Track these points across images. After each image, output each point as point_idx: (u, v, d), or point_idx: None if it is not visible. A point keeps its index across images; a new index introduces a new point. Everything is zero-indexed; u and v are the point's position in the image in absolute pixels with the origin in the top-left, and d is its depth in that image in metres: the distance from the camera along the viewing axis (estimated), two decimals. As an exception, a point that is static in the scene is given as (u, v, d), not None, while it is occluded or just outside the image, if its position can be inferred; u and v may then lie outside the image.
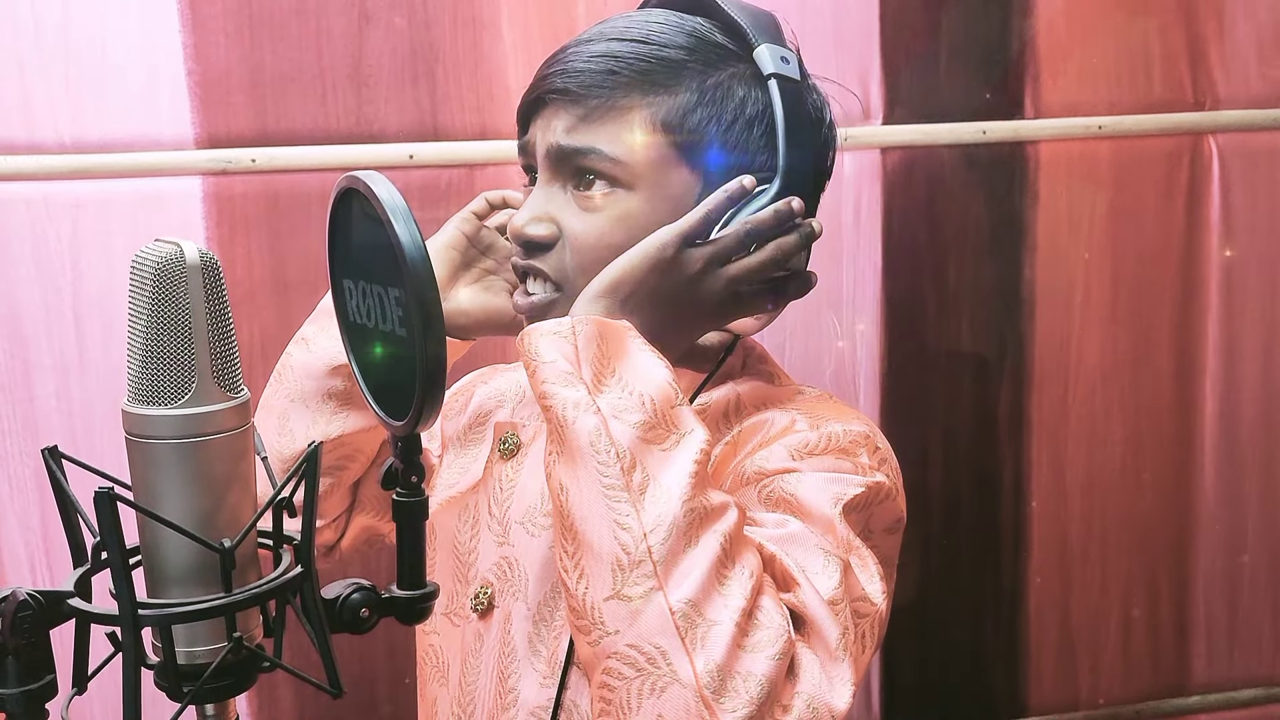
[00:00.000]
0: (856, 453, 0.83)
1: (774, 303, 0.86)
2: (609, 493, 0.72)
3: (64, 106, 1.27)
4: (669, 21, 0.86)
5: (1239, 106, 1.51)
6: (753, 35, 0.86)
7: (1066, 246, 1.50)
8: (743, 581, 0.70)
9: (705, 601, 0.69)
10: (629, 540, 0.70)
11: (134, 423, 0.57)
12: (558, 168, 0.86)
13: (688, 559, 0.70)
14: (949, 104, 1.45)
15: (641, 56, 0.84)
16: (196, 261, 0.56)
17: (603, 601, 0.71)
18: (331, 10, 1.31)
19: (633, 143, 0.83)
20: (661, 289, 0.81)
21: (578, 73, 0.84)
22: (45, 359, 1.30)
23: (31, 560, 1.33)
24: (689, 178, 0.84)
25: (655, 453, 0.72)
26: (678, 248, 0.81)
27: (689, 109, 0.83)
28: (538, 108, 0.87)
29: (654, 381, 0.75)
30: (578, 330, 0.76)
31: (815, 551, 0.75)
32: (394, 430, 0.67)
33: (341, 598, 0.64)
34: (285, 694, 1.40)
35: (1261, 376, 1.58)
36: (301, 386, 0.99)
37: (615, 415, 0.73)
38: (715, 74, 0.85)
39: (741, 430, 0.87)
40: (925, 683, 1.57)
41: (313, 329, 1.01)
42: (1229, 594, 1.62)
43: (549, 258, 0.86)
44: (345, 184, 0.68)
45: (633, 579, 0.70)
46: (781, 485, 0.80)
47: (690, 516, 0.70)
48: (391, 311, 0.65)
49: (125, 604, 0.54)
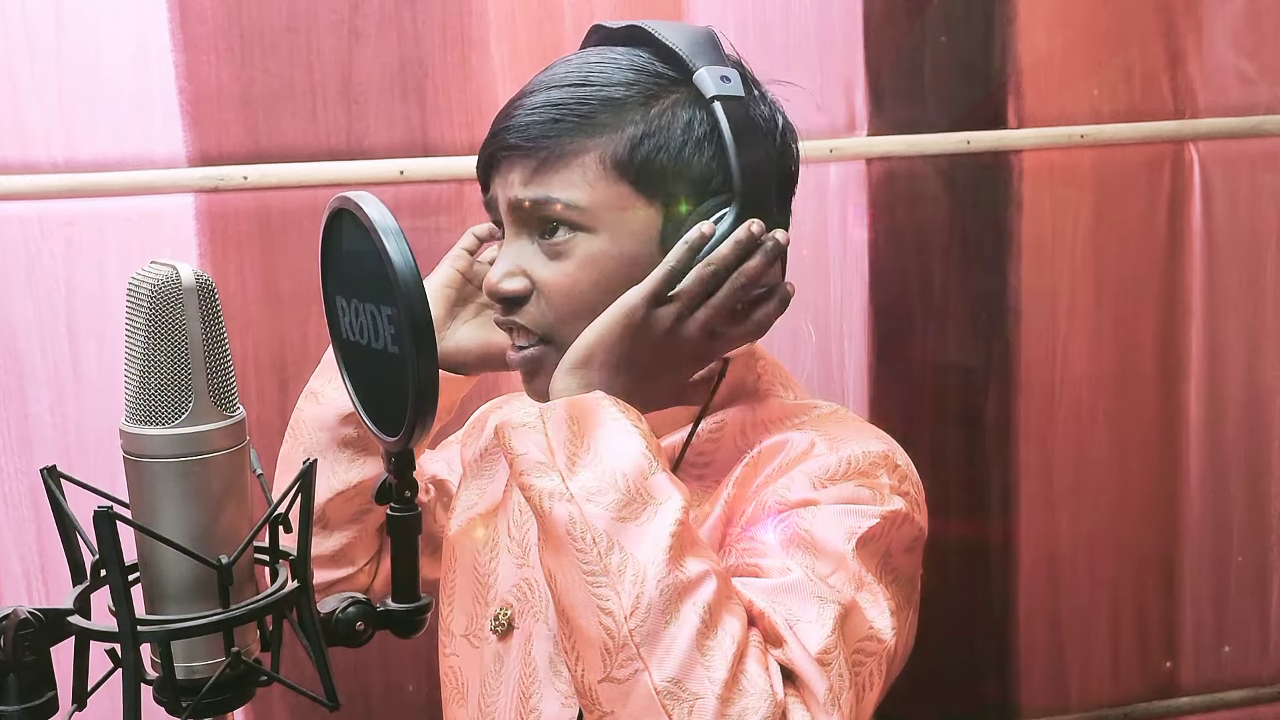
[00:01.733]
0: (876, 474, 0.84)
1: (755, 328, 0.86)
2: (590, 579, 0.73)
3: (57, 126, 1.28)
4: (606, 59, 0.86)
5: (1219, 114, 1.53)
6: (690, 60, 0.85)
7: (1051, 254, 1.52)
8: (725, 650, 0.71)
9: (688, 677, 0.70)
10: (612, 625, 0.72)
11: (132, 442, 0.58)
12: (521, 221, 0.87)
13: (668, 635, 0.71)
14: (933, 115, 1.47)
15: (583, 100, 0.84)
16: (192, 284, 0.57)
17: (597, 684, 0.73)
18: (321, 28, 1.32)
19: (586, 186, 0.84)
20: (636, 352, 0.82)
21: (524, 126, 0.85)
22: (40, 375, 1.31)
23: (28, 577, 1.34)
24: (648, 210, 0.84)
25: (631, 529, 0.74)
26: (646, 309, 0.81)
27: (636, 142, 0.83)
28: (494, 164, 0.88)
29: (627, 456, 0.76)
30: (546, 418, 0.78)
31: (810, 601, 0.76)
32: (387, 446, 0.69)
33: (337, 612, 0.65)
34: (281, 707, 1.41)
35: (1244, 381, 1.59)
36: (316, 439, 1.00)
37: (589, 499, 0.74)
38: (658, 103, 0.85)
39: (762, 451, 0.87)
40: (917, 687, 1.57)
41: (320, 382, 1.02)
42: (1216, 596, 1.64)
43: (527, 311, 0.87)
44: (337, 204, 0.69)
45: (619, 661, 0.72)
46: (797, 521, 0.81)
47: (668, 594, 0.72)
48: (384, 329, 0.66)
49: (125, 621, 0.55)
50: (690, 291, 0.82)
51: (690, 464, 0.90)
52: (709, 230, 0.82)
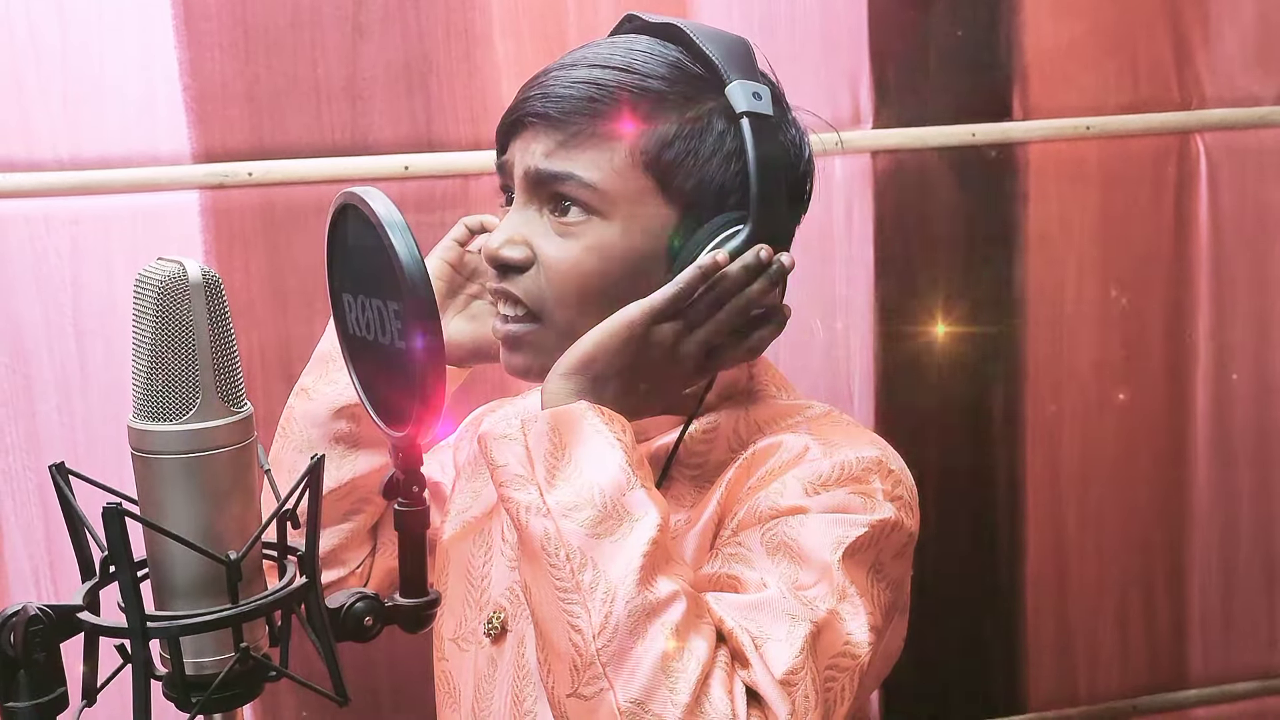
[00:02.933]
0: (869, 480, 0.83)
1: (752, 349, 0.85)
2: (562, 595, 0.73)
3: (62, 124, 1.28)
4: (652, 51, 0.85)
5: (1225, 105, 1.52)
6: (725, 70, 0.84)
7: (1057, 246, 1.52)
8: (689, 673, 0.71)
9: (651, 699, 0.71)
10: (580, 642, 0.72)
11: (140, 439, 0.58)
12: (534, 191, 0.86)
13: (634, 656, 0.71)
14: (938, 107, 1.46)
15: (624, 85, 0.83)
16: (199, 280, 0.57)
17: (565, 697, 0.74)
18: (325, 24, 1.32)
19: (611, 171, 0.83)
20: (634, 365, 0.81)
21: (559, 98, 0.84)
22: (47, 374, 1.31)
23: (36, 574, 1.34)
24: (665, 209, 0.84)
25: (605, 546, 0.74)
26: (646, 326, 0.81)
27: (668, 141, 0.83)
28: (517, 129, 0.87)
29: (607, 470, 0.76)
30: (528, 430, 0.78)
31: (781, 619, 0.76)
32: (394, 440, 0.69)
33: (345, 607, 0.65)
34: (289, 702, 1.41)
35: (1252, 372, 1.59)
36: (307, 435, 1.00)
37: (565, 514, 0.74)
38: (695, 107, 0.84)
39: (755, 452, 0.87)
40: (924, 680, 1.58)
41: (310, 378, 1.02)
42: (1224, 588, 1.64)
43: (522, 280, 0.86)
44: (343, 200, 0.69)
45: (586, 679, 0.72)
46: (785, 530, 0.80)
47: (636, 614, 0.72)
48: (390, 324, 0.66)
49: (134, 617, 0.56)
50: (693, 311, 0.82)
51: (683, 464, 0.90)
52: (723, 260, 0.81)
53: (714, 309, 0.82)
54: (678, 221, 0.84)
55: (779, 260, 0.83)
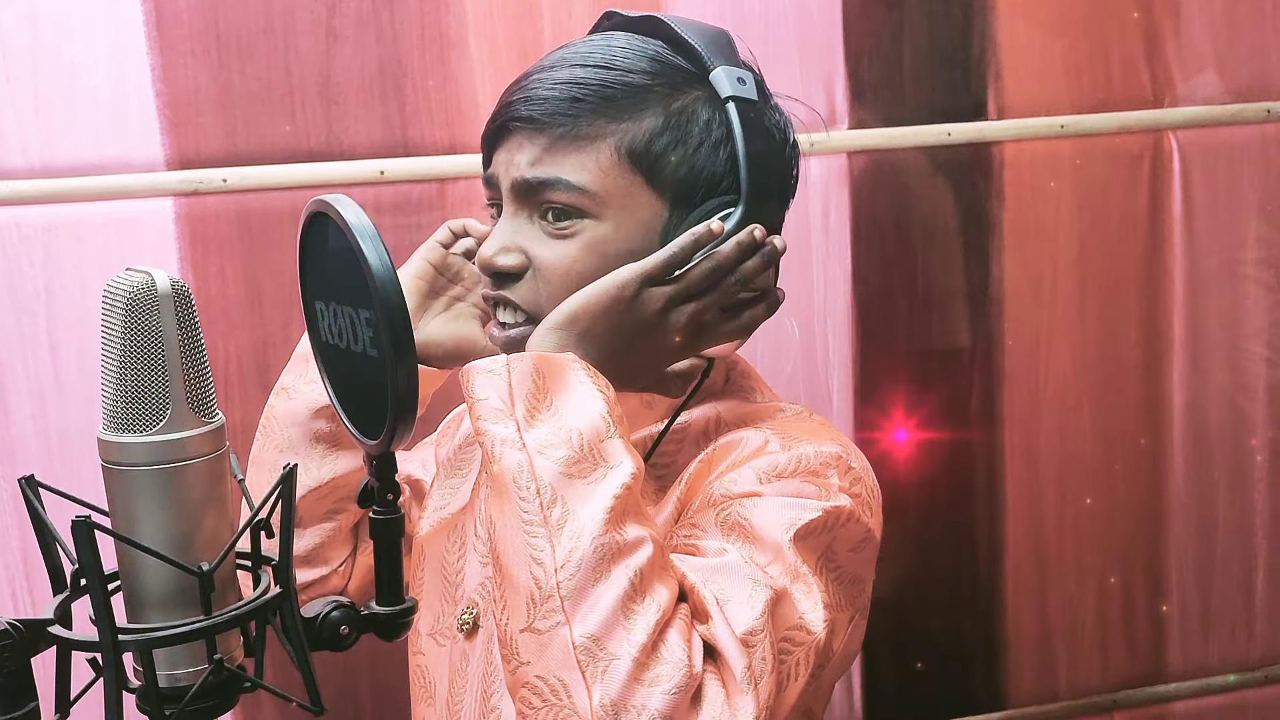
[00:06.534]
0: (826, 474, 0.83)
1: (742, 328, 0.86)
2: (528, 528, 0.73)
3: (33, 131, 1.27)
4: (631, 46, 0.86)
5: (1197, 103, 1.53)
6: (708, 58, 0.85)
7: (1033, 244, 1.52)
8: (648, 616, 0.71)
9: (607, 636, 0.70)
10: (541, 575, 0.72)
11: (110, 450, 0.58)
12: (523, 200, 0.86)
13: (595, 593, 0.71)
14: (913, 107, 1.47)
15: (606, 83, 0.83)
16: (168, 290, 0.57)
17: (519, 633, 0.73)
18: (299, 29, 1.31)
19: (598, 171, 0.83)
20: (621, 326, 0.82)
21: (541, 100, 0.84)
22: (20, 384, 1.30)
23: (12, 585, 1.33)
24: (656, 203, 0.84)
25: (578, 486, 0.74)
26: (637, 287, 0.81)
27: (655, 134, 0.83)
28: (502, 135, 0.87)
29: (586, 416, 0.76)
30: (512, 368, 0.78)
31: (743, 581, 0.76)
32: (369, 449, 0.68)
33: (321, 616, 0.64)
34: (268, 712, 1.41)
35: (1226, 367, 1.60)
36: (288, 435, 1.00)
37: (541, 451, 0.74)
38: (679, 98, 0.85)
39: (716, 449, 0.87)
40: (905, 677, 1.58)
41: (290, 377, 1.01)
42: (1202, 581, 1.65)
43: (519, 287, 0.86)
44: (314, 207, 0.69)
45: (542, 612, 0.72)
46: (738, 510, 0.81)
47: (601, 552, 0.72)
48: (363, 332, 0.66)
49: (105, 630, 0.55)
50: (687, 281, 0.82)
51: (651, 463, 0.90)
52: (718, 229, 0.82)
53: (708, 283, 0.82)
54: (670, 213, 0.84)
55: (771, 242, 0.84)
